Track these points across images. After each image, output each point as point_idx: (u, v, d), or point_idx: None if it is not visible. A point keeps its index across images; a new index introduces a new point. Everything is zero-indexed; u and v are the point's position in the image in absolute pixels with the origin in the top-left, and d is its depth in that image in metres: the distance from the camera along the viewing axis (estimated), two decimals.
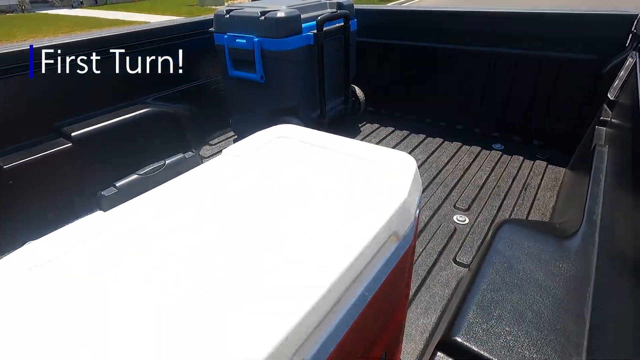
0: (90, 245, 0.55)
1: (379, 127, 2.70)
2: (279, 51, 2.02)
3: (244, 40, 2.06)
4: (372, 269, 0.54)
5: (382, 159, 0.74)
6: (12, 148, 1.63)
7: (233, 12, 2.10)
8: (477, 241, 1.61)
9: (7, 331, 0.41)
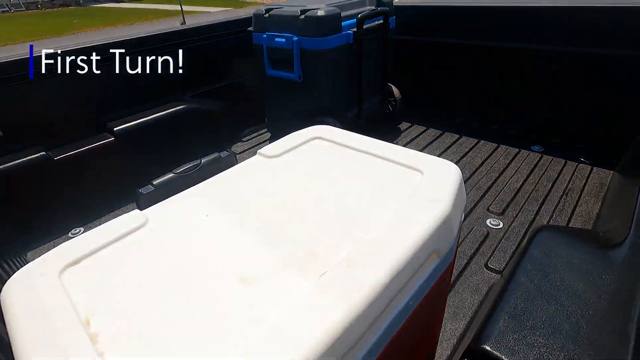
0: (130, 241, 0.59)
1: (412, 125, 2.65)
2: (318, 50, 1.98)
3: (283, 40, 2.03)
4: (410, 289, 0.53)
5: (424, 166, 0.70)
6: (62, 141, 1.76)
7: (273, 12, 2.08)
8: (511, 247, 1.55)
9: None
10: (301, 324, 0.41)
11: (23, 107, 1.66)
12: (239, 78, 2.50)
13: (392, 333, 0.51)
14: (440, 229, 0.56)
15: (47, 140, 1.72)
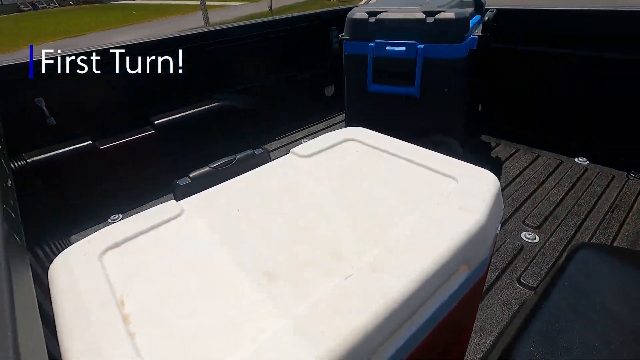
0: (166, 230, 0.62)
1: None
2: (449, 59, 1.66)
3: (403, 48, 1.70)
4: (436, 299, 0.51)
5: (459, 174, 0.68)
6: (107, 132, 1.88)
7: (381, 15, 1.74)
8: (547, 263, 1.48)
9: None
10: (323, 324, 0.41)
11: (75, 99, 1.78)
12: (275, 77, 2.55)
13: (415, 343, 0.50)
14: (473, 241, 0.54)
15: (94, 131, 1.83)
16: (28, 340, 0.36)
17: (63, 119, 1.75)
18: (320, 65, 2.76)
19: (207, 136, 2.18)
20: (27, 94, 1.65)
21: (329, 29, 2.73)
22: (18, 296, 0.40)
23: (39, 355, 0.39)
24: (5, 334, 0.34)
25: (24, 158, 1.63)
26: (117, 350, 0.41)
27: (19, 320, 0.37)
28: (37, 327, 0.45)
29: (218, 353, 0.40)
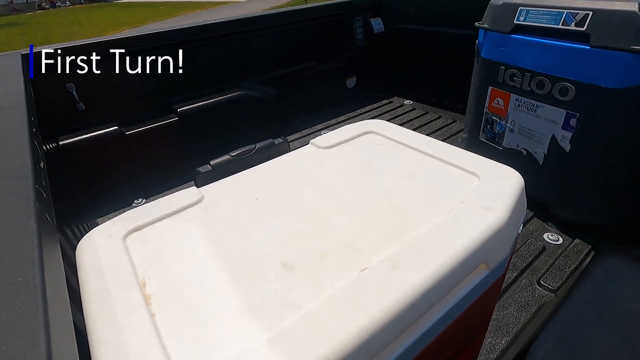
0: (186, 215, 0.63)
1: None
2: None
3: None
4: (452, 297, 0.51)
5: (482, 170, 0.66)
6: (133, 118, 1.93)
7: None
8: (570, 266, 1.43)
9: None
10: (336, 316, 0.42)
11: (103, 86, 1.84)
12: (296, 67, 2.54)
13: (428, 340, 0.50)
14: (493, 240, 0.53)
15: (120, 117, 1.89)
16: (57, 314, 0.38)
17: (92, 105, 1.81)
18: (342, 56, 2.73)
19: (229, 124, 2.20)
20: (60, 79, 1.71)
21: (352, 20, 2.69)
22: (48, 272, 0.42)
23: (66, 327, 0.41)
24: (36, 308, 0.36)
25: (56, 141, 1.70)
26: (138, 328, 0.43)
27: (49, 295, 0.39)
28: (65, 302, 0.47)
29: (235, 338, 0.41)
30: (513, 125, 1.50)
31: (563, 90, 1.25)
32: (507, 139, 1.56)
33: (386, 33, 2.82)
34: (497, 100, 1.55)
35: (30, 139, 0.74)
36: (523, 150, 1.50)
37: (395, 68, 2.92)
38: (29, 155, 0.67)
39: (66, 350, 0.36)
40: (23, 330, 0.33)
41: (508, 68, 1.43)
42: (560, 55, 1.23)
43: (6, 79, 1.25)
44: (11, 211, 0.51)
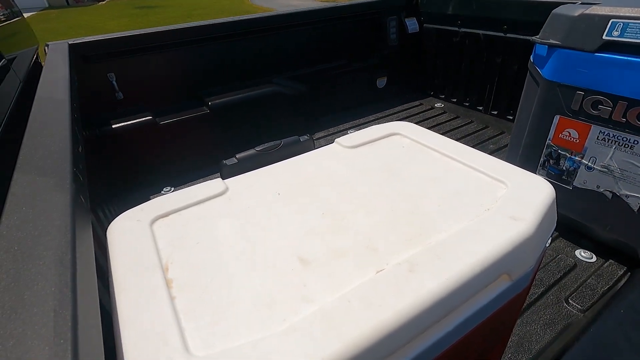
0: (211, 205, 0.65)
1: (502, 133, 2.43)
2: None
3: None
4: (471, 306, 0.50)
5: (510, 179, 0.64)
6: (166, 109, 2.00)
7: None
8: (602, 286, 1.35)
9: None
10: (349, 314, 0.42)
11: (140, 77, 1.92)
12: (327, 65, 2.54)
13: (442, 347, 0.49)
14: (517, 250, 0.51)
15: (154, 107, 1.97)
16: (84, 290, 0.40)
17: (129, 95, 1.89)
18: (375, 56, 2.71)
19: (257, 119, 2.25)
20: (102, 69, 1.80)
21: (387, 19, 2.66)
22: (79, 251, 0.45)
23: (92, 303, 0.44)
24: (66, 283, 0.38)
25: (94, 127, 1.80)
26: (158, 309, 0.45)
27: (79, 272, 0.41)
28: (93, 279, 0.49)
29: (249, 326, 0.42)
30: (593, 162, 1.29)
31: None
32: (582, 177, 1.34)
33: (421, 33, 2.77)
34: (567, 132, 1.32)
35: (71, 125, 0.79)
36: (607, 193, 1.29)
37: (428, 69, 2.86)
38: (69, 139, 0.71)
39: (90, 325, 0.38)
40: (52, 302, 0.35)
41: (590, 94, 1.21)
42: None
43: (54, 67, 1.33)
44: (50, 190, 0.54)
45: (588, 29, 1.18)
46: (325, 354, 0.38)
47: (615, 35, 1.13)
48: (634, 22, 1.08)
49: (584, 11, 1.19)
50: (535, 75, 1.38)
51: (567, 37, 1.23)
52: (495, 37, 2.31)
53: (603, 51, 1.16)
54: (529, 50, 1.50)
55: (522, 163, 1.53)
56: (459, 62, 2.61)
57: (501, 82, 2.41)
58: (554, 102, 1.32)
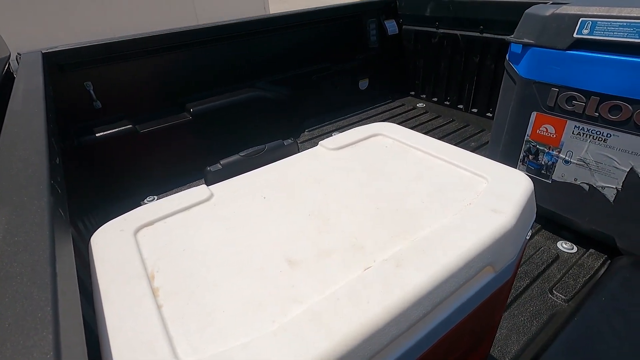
0: (196, 212, 0.64)
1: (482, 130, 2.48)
2: None
3: None
4: (457, 299, 0.51)
5: (490, 173, 0.66)
6: (146, 117, 1.97)
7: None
8: (584, 276, 1.39)
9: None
10: (338, 312, 0.42)
11: (119, 85, 1.89)
12: (309, 68, 2.55)
13: (432, 341, 0.49)
14: (499, 242, 0.53)
15: (134, 115, 1.93)
16: (66, 307, 0.39)
17: (108, 103, 1.85)
18: (356, 58, 2.74)
19: (241, 124, 2.23)
20: (78, 78, 1.76)
21: (366, 22, 2.69)
22: (60, 266, 0.44)
23: (75, 320, 0.42)
24: (47, 299, 0.37)
25: (72, 138, 1.75)
26: (145, 318, 0.44)
27: (60, 289, 0.40)
28: (75, 296, 0.48)
29: (238, 330, 0.42)
30: (569, 156, 1.33)
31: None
32: (560, 171, 1.38)
33: (400, 35, 2.82)
34: (544, 127, 1.37)
35: (47, 136, 0.76)
36: (584, 185, 1.33)
37: (408, 70, 2.91)
38: (45, 151, 0.69)
39: (74, 342, 0.37)
40: (32, 323, 0.34)
41: (564, 90, 1.25)
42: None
43: (27, 76, 1.29)
44: (26, 205, 0.53)
45: (559, 27, 1.22)
46: (315, 353, 0.38)
47: (585, 34, 1.17)
48: (601, 20, 1.13)
49: (554, 11, 1.23)
50: (512, 73, 1.42)
51: (540, 36, 1.27)
52: (473, 37, 2.36)
53: (574, 49, 1.20)
54: (505, 49, 1.54)
55: (502, 159, 1.56)
56: (439, 62, 2.67)
57: (480, 80, 2.47)
58: (531, 99, 1.36)
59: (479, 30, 2.33)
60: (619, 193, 1.26)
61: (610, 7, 1.13)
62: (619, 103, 1.14)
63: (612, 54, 1.13)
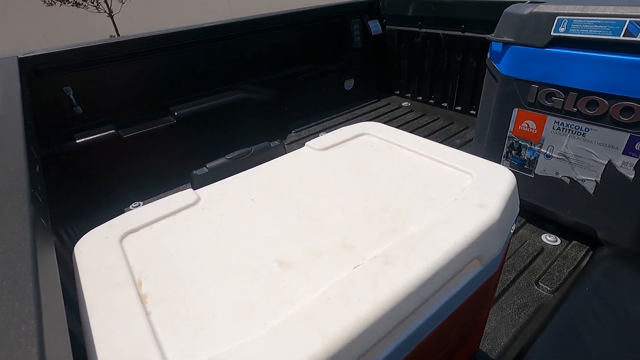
0: (183, 217, 0.63)
1: (467, 128, 2.51)
2: None
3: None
4: (446, 293, 0.51)
5: (474, 169, 0.67)
6: (130, 121, 1.93)
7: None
8: (567, 267, 1.43)
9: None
10: (330, 312, 0.42)
11: (100, 89, 1.85)
12: (294, 70, 2.55)
13: (423, 335, 0.50)
14: (485, 235, 0.54)
15: (117, 120, 1.89)
16: (51, 320, 0.38)
17: (89, 108, 1.81)
18: (341, 58, 2.75)
19: (227, 127, 2.21)
20: (57, 83, 1.71)
21: (350, 23, 2.71)
22: (43, 277, 0.42)
23: (61, 332, 0.41)
24: (30, 311, 0.36)
25: (52, 145, 1.70)
26: (133, 326, 0.43)
27: (44, 301, 0.39)
28: (60, 307, 0.47)
29: (229, 334, 0.42)
30: (550, 150, 1.35)
31: (626, 110, 1.12)
32: (542, 165, 1.41)
33: (384, 35, 2.84)
34: (526, 123, 1.39)
35: (25, 143, 0.74)
36: (565, 179, 1.35)
37: (393, 70, 2.93)
38: (24, 159, 0.68)
39: (60, 355, 0.36)
40: (15, 337, 0.33)
41: (543, 87, 1.28)
42: (623, 71, 1.08)
43: (2, 82, 1.25)
44: (6, 215, 0.51)
45: (537, 26, 1.25)
46: (308, 354, 0.38)
47: (562, 31, 1.20)
48: (577, 18, 1.17)
49: (532, 10, 1.26)
50: (493, 71, 1.45)
51: (519, 35, 1.30)
52: (455, 36, 2.40)
53: (552, 46, 1.24)
54: (486, 47, 1.57)
55: (486, 155, 1.59)
56: (422, 62, 2.70)
57: (463, 79, 2.51)
58: (512, 95, 1.39)
59: (460, 30, 2.37)
60: (598, 185, 1.29)
61: (584, 5, 1.17)
62: (596, 98, 1.18)
63: (588, 51, 1.16)
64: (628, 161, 1.18)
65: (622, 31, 1.08)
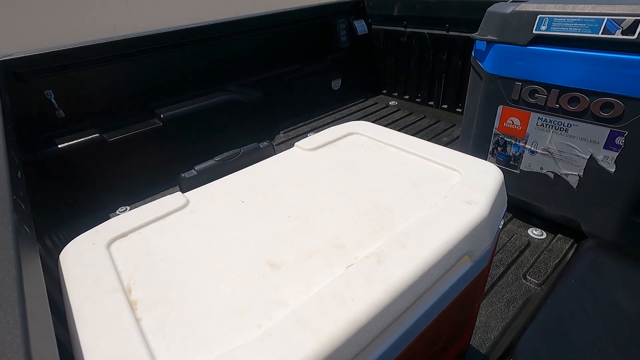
0: (172, 221, 0.63)
1: (453, 125, 2.55)
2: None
3: None
4: (438, 290, 0.52)
5: (463, 166, 0.68)
6: (114, 125, 1.89)
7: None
8: (554, 260, 1.46)
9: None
10: (324, 312, 0.42)
11: (83, 92, 1.80)
12: (281, 70, 2.54)
13: (416, 332, 0.50)
14: (475, 232, 0.54)
15: (102, 123, 1.85)
16: (37, 330, 0.37)
17: (72, 112, 1.77)
18: (327, 58, 2.75)
19: (213, 129, 2.19)
20: (37, 86, 1.67)
21: (336, 23, 2.71)
22: (28, 285, 0.41)
23: (48, 342, 0.40)
24: (16, 321, 0.35)
25: (34, 150, 1.66)
26: (123, 333, 0.42)
27: (29, 310, 0.38)
28: (47, 316, 0.45)
29: (222, 337, 0.41)
30: (535, 146, 1.38)
31: (606, 106, 1.15)
32: (527, 161, 1.44)
33: (370, 35, 2.86)
34: (511, 120, 1.41)
35: (6, 148, 0.72)
36: (549, 174, 1.39)
37: (379, 69, 2.95)
38: (5, 164, 0.66)
39: None
40: (0, 349, 0.32)
41: (527, 84, 1.31)
42: (603, 67, 1.12)
43: None
44: None
45: (519, 24, 1.27)
46: (303, 355, 0.37)
47: (543, 30, 1.23)
48: (557, 17, 1.19)
49: (514, 8, 1.29)
50: (478, 69, 1.47)
51: (501, 33, 1.32)
52: (439, 35, 2.43)
53: (534, 44, 1.26)
54: (470, 46, 1.59)
55: (473, 152, 1.60)
56: (408, 61, 2.72)
57: (448, 77, 2.55)
58: (496, 93, 1.41)
59: (445, 29, 2.40)
60: (581, 179, 1.32)
61: (564, 4, 1.20)
62: (577, 95, 1.21)
63: (568, 49, 1.19)
64: (609, 155, 1.21)
65: (600, 29, 1.12)
